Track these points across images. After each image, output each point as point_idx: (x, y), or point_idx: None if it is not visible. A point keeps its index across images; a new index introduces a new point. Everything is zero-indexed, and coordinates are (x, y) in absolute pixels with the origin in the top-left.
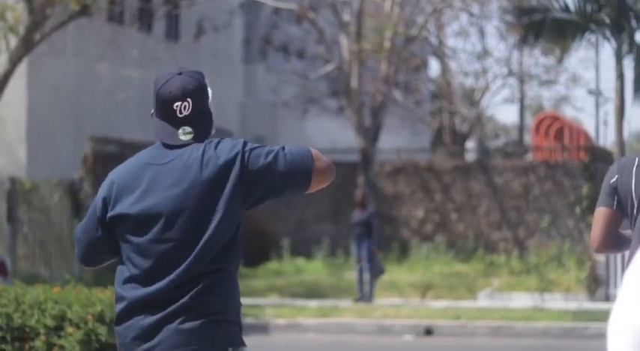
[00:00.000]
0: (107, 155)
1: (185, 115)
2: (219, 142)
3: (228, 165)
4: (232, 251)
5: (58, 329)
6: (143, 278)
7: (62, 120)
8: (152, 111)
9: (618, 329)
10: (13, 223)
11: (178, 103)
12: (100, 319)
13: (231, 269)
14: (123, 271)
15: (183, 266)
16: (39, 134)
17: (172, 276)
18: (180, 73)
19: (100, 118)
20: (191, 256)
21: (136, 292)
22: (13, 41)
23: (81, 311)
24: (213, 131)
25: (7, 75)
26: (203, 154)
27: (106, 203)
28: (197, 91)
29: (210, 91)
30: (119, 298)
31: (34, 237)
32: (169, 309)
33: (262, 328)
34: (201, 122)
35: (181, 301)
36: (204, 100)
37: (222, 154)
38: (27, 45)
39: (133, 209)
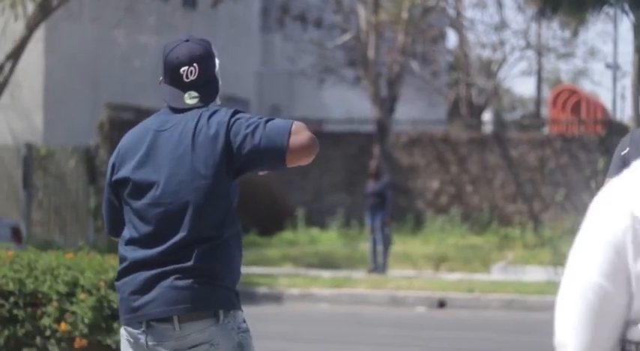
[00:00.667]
0: (123, 122)
1: (192, 80)
2: (214, 112)
3: (216, 135)
4: (227, 219)
5: (70, 295)
6: (143, 241)
7: (79, 86)
8: (160, 78)
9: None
10: (29, 189)
11: (185, 68)
12: (112, 285)
13: (228, 237)
14: (125, 234)
15: (179, 231)
16: (55, 100)
17: (170, 240)
18: (187, 40)
19: (117, 85)
20: (185, 222)
21: (136, 253)
22: (31, 7)
23: (93, 278)
24: (217, 99)
25: (24, 41)
26: (197, 123)
27: (113, 169)
28: (203, 57)
29: (217, 60)
30: (121, 258)
31: (50, 203)
32: (165, 268)
33: (276, 298)
34: (207, 88)
35: (178, 264)
36: (210, 67)
37: (213, 124)
38: (44, 10)
39: (131, 173)
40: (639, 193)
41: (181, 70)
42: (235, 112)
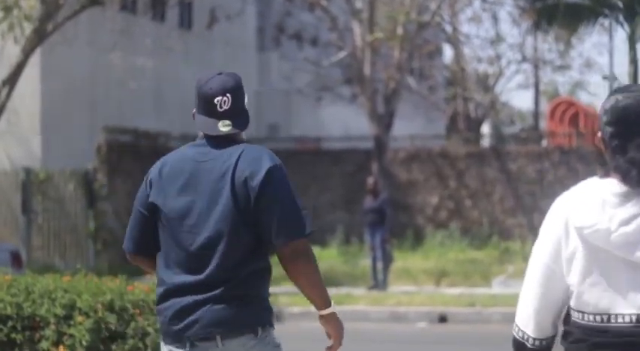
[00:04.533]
0: (121, 145)
1: (225, 109)
2: (254, 156)
3: (249, 189)
4: (258, 252)
5: (67, 318)
6: (181, 266)
7: (76, 110)
8: (193, 110)
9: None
10: (28, 213)
11: (219, 98)
12: (109, 307)
13: (261, 267)
14: (163, 257)
15: (215, 260)
16: (53, 125)
17: (207, 268)
18: (220, 74)
19: (114, 108)
20: (220, 251)
21: (176, 278)
22: (28, 29)
23: (90, 300)
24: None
25: (20, 66)
26: (237, 162)
27: (151, 186)
28: (235, 89)
29: (246, 94)
30: (160, 281)
31: (49, 227)
32: (205, 294)
33: (276, 316)
34: (239, 117)
35: (217, 290)
36: (241, 98)
37: (250, 178)
38: (39, 35)
39: (171, 201)
40: (573, 205)
41: (215, 100)
42: (270, 176)
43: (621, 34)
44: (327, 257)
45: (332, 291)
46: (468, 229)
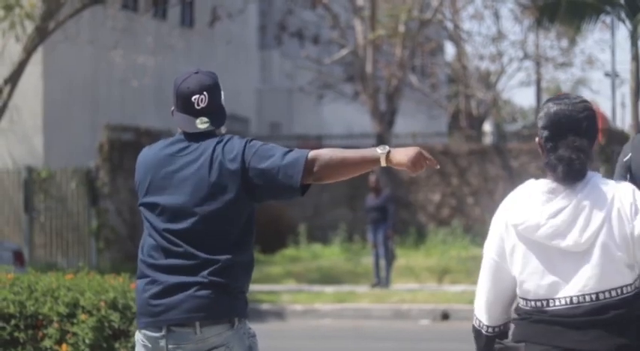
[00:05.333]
0: (123, 143)
1: (202, 107)
2: (228, 141)
3: (230, 166)
4: (243, 244)
5: (70, 316)
6: (159, 253)
7: (78, 108)
8: (172, 108)
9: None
10: (30, 212)
11: (196, 97)
12: (112, 305)
13: (245, 260)
14: (144, 241)
15: (196, 249)
16: (55, 123)
17: (188, 256)
18: (197, 72)
19: (116, 106)
20: (200, 241)
21: (153, 260)
22: (30, 28)
23: (93, 298)
24: (224, 126)
25: (22, 64)
26: (213, 153)
27: (137, 186)
28: (212, 87)
29: (222, 92)
30: (139, 261)
31: (51, 226)
32: (185, 279)
33: (279, 314)
34: (216, 114)
35: (196, 277)
36: (217, 96)
37: (227, 155)
38: (41, 33)
39: (149, 195)
40: (510, 206)
41: (192, 98)
42: (249, 143)
43: (623, 31)
44: (330, 255)
45: (334, 288)
46: (470, 226)
